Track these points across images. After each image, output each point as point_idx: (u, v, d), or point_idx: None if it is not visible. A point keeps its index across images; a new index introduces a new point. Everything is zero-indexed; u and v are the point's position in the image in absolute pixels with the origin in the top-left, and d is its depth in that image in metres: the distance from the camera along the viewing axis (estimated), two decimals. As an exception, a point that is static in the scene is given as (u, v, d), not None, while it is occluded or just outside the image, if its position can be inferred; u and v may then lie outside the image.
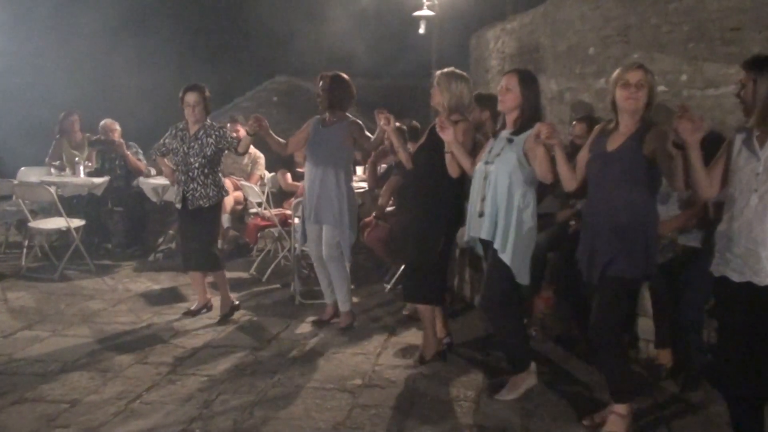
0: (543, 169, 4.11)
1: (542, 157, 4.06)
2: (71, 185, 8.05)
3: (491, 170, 4.31)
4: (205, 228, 5.92)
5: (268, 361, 5.07)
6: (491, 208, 4.30)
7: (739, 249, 3.38)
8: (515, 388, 4.46)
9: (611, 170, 3.82)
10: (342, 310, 5.79)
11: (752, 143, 3.37)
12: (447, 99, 4.76)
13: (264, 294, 6.79)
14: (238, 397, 4.43)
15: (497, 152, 4.33)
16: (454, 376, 4.81)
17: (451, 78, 4.79)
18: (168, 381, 4.68)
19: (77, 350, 5.21)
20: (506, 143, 4.30)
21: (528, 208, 4.29)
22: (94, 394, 4.44)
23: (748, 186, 3.35)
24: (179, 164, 5.88)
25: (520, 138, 4.25)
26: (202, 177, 5.81)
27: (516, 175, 4.24)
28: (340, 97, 5.61)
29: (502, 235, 4.26)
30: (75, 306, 6.33)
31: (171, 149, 5.96)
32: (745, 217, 3.36)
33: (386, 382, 4.72)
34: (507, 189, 4.25)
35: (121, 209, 8.60)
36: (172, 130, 6.00)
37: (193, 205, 5.83)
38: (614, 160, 3.80)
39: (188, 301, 6.53)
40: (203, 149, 5.78)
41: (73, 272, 7.46)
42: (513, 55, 7.86)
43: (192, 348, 5.31)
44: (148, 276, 7.47)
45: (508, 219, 4.25)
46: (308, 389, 4.58)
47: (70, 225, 7.37)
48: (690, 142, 3.34)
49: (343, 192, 5.59)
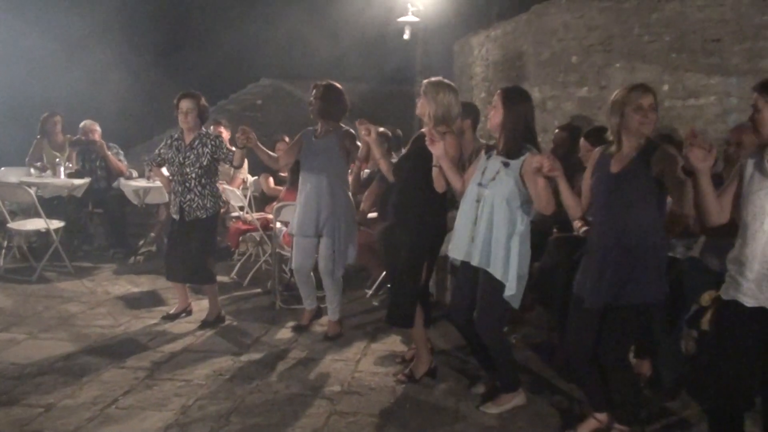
0: (543, 201, 4.00)
1: (543, 189, 3.95)
2: (51, 186, 7.99)
3: (486, 194, 4.16)
4: (201, 240, 5.81)
5: (246, 366, 5.04)
6: (485, 234, 4.15)
7: (752, 274, 3.30)
8: (502, 404, 4.41)
9: (619, 193, 3.74)
10: (331, 319, 5.73)
11: (764, 166, 3.30)
12: (434, 109, 4.56)
13: (244, 299, 6.77)
14: (215, 403, 4.40)
15: (491, 175, 4.17)
16: (434, 383, 4.80)
17: (439, 87, 4.61)
18: (145, 386, 4.64)
19: (53, 353, 5.16)
20: (501, 167, 4.14)
21: (526, 233, 4.18)
22: (69, 399, 4.39)
23: (762, 210, 3.27)
24: (175, 174, 5.78)
25: (516, 163, 4.11)
26: (199, 187, 5.72)
27: (514, 200, 4.10)
28: (333, 107, 5.52)
29: (503, 264, 4.10)
30: (53, 308, 6.27)
31: (166, 159, 5.85)
32: (758, 242, 3.28)
33: (365, 389, 4.71)
34: (506, 215, 4.11)
35: (102, 211, 8.55)
36: (167, 140, 5.91)
37: (191, 217, 5.74)
38: (621, 182, 3.73)
39: (168, 304, 6.49)
40: (199, 159, 5.69)
41: (51, 274, 7.40)
42: (497, 63, 7.88)
43: (170, 352, 5.27)
44: (128, 279, 7.42)
45: (509, 245, 4.11)
46: (286, 395, 4.56)
47: (50, 226, 7.32)
48: (700, 169, 3.23)
49: (341, 204, 5.51)
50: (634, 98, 3.67)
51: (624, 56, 5.79)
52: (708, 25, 5.35)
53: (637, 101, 3.65)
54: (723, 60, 5.27)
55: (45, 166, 8.28)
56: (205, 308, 6.06)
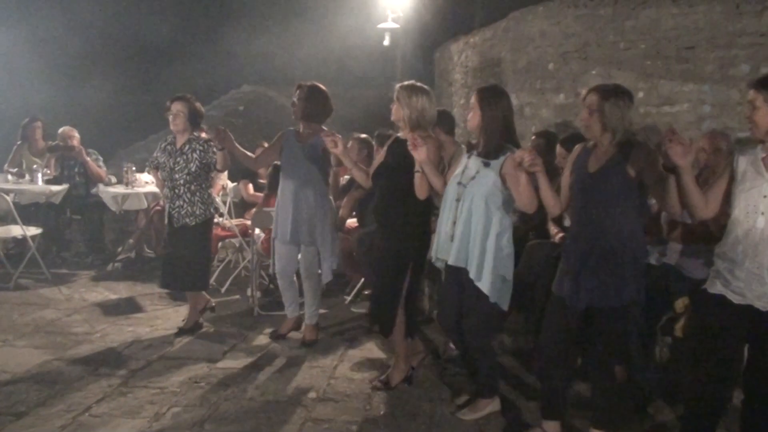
0: (525, 198, 3.98)
1: (525, 185, 3.92)
2: (29, 193, 7.92)
3: (465, 193, 4.15)
4: (191, 247, 5.71)
5: (222, 373, 5.03)
6: (463, 232, 4.14)
7: (742, 272, 3.32)
8: (478, 410, 4.40)
9: (595, 192, 3.73)
10: (308, 323, 5.68)
11: (758, 164, 3.32)
12: (408, 114, 4.50)
13: (223, 305, 6.73)
14: (189, 411, 4.38)
15: (472, 174, 4.16)
16: (410, 389, 4.80)
17: (411, 91, 4.53)
18: (119, 393, 4.61)
19: (27, 361, 5.12)
20: (482, 166, 4.13)
21: (506, 233, 4.14)
22: (41, 407, 4.36)
23: (755, 208, 3.28)
24: (166, 179, 5.71)
25: (496, 162, 4.09)
26: (189, 194, 5.63)
27: (493, 199, 4.09)
28: (317, 109, 5.42)
29: (477, 262, 4.10)
30: (28, 315, 6.23)
31: (160, 163, 5.78)
32: (750, 240, 3.29)
33: (341, 395, 4.70)
34: (483, 213, 4.09)
35: (80, 217, 8.50)
36: (161, 143, 5.84)
37: (179, 223, 5.67)
38: (598, 181, 3.71)
39: (146, 311, 6.47)
40: (188, 164, 5.59)
41: (28, 281, 7.34)
42: (475, 69, 7.91)
43: (146, 360, 5.24)
44: (106, 285, 7.38)
45: (484, 245, 4.09)
46: (261, 402, 4.55)
47: (26, 233, 7.27)
48: (682, 165, 3.25)
49: (324, 210, 5.45)
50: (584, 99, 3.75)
51: (600, 63, 5.84)
52: (682, 32, 5.40)
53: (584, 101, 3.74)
54: (697, 67, 5.33)
55: (22, 172, 8.22)
56: (179, 318, 6.04)
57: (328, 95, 5.49)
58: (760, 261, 3.27)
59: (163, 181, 5.80)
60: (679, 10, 5.46)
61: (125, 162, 8.89)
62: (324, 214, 5.45)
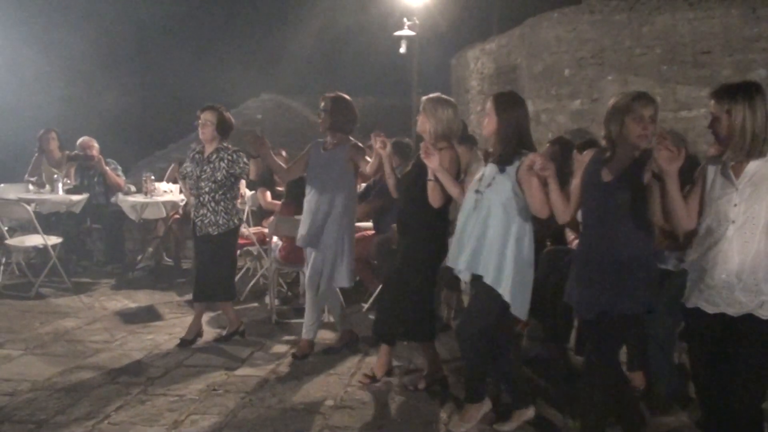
0: (537, 203, 3.95)
1: (536, 189, 3.91)
2: (49, 202, 8.01)
3: (482, 200, 4.10)
4: (215, 256, 5.72)
5: (240, 381, 5.05)
6: (476, 238, 4.10)
7: (713, 280, 3.32)
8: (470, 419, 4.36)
9: (610, 202, 3.66)
10: (304, 337, 5.55)
11: (727, 174, 3.30)
12: (433, 125, 4.57)
13: (241, 313, 6.72)
14: (207, 418, 4.41)
15: (488, 181, 4.11)
16: (427, 397, 4.81)
17: (437, 104, 4.61)
18: (138, 401, 4.65)
19: (48, 369, 5.18)
20: (497, 172, 4.08)
21: (525, 239, 4.09)
22: (61, 415, 4.40)
23: (725, 217, 3.28)
24: (192, 188, 5.74)
25: (512, 168, 4.04)
26: (213, 203, 5.63)
27: (511, 205, 4.04)
28: (342, 119, 5.36)
29: (495, 269, 4.04)
30: (49, 324, 6.29)
31: (188, 172, 5.80)
32: (720, 248, 3.29)
33: (358, 403, 4.71)
34: (501, 220, 4.04)
35: (100, 226, 8.58)
36: (190, 152, 5.88)
37: (201, 232, 5.68)
38: (613, 191, 3.66)
39: (165, 319, 6.53)
40: (214, 173, 5.58)
41: (49, 290, 7.43)
42: (491, 76, 7.92)
43: (165, 367, 5.28)
44: (125, 294, 7.44)
45: (503, 251, 4.03)
46: (279, 410, 4.57)
47: (47, 242, 7.35)
48: (668, 171, 3.22)
49: (343, 220, 5.35)
50: (636, 107, 3.56)
51: (616, 69, 5.82)
52: (698, 38, 5.38)
53: (639, 111, 3.55)
54: (713, 72, 5.31)
55: (42, 182, 8.31)
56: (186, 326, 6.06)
57: (353, 105, 5.44)
58: (730, 269, 3.27)
59: (190, 189, 5.82)
60: (695, 15, 5.43)
61: (145, 171, 8.97)
62: (343, 223, 5.36)
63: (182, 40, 18.21)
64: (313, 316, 5.54)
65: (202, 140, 5.72)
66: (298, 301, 7.13)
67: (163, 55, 17.66)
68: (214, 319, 6.45)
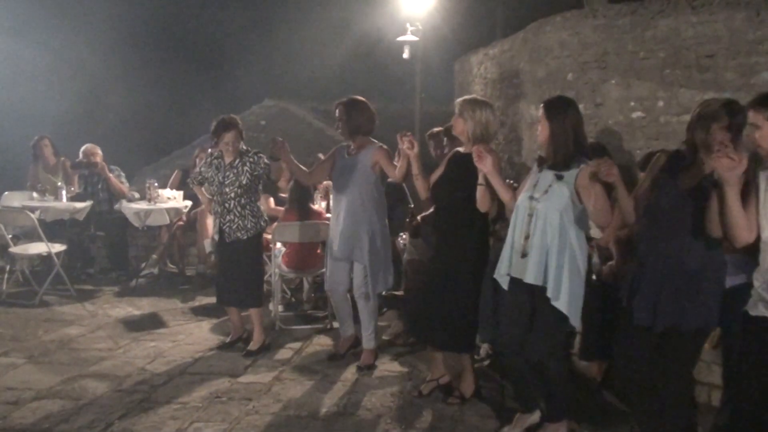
0: (600, 210, 3.79)
1: (599, 196, 3.74)
2: (53, 210, 8.00)
3: (539, 207, 3.96)
4: (244, 261, 5.73)
5: (244, 388, 5.04)
6: (539, 249, 3.94)
7: None
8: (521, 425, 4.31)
9: (687, 211, 3.58)
10: (366, 347, 5.50)
11: None
12: (471, 128, 4.51)
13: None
14: (211, 426, 4.40)
15: (544, 188, 3.98)
16: (429, 404, 4.79)
17: (475, 105, 4.56)
18: (141, 409, 4.64)
19: (52, 377, 5.17)
20: (554, 179, 3.96)
21: (582, 249, 3.97)
22: (64, 423, 4.40)
23: None
24: (215, 194, 5.72)
25: (570, 174, 3.91)
26: (239, 208, 5.64)
27: (568, 213, 3.90)
28: (360, 122, 5.30)
29: (554, 280, 3.89)
30: (53, 332, 6.29)
31: (206, 178, 5.79)
32: None
33: (362, 410, 4.70)
34: (559, 229, 3.90)
35: (104, 234, 8.58)
36: (207, 159, 5.88)
37: (231, 238, 5.68)
38: (690, 200, 3.56)
39: (168, 326, 6.52)
40: (238, 178, 5.59)
41: (53, 298, 7.42)
42: (495, 81, 7.89)
43: (168, 375, 5.27)
44: (129, 301, 7.44)
45: (561, 261, 3.90)
46: (282, 417, 4.56)
47: (51, 250, 7.35)
48: (729, 179, 3.12)
49: (374, 226, 5.29)
50: (724, 117, 3.48)
51: (619, 73, 5.79)
52: (702, 41, 5.34)
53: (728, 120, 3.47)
54: (717, 76, 5.26)
55: (44, 189, 8.30)
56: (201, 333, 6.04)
57: (367, 104, 5.38)
58: None
59: (212, 196, 5.80)
60: (699, 18, 5.40)
61: (148, 178, 8.97)
62: (373, 230, 5.30)
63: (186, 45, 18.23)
64: (372, 325, 5.47)
65: (224, 153, 5.69)
66: (302, 307, 7.12)
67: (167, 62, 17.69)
68: (218, 326, 6.45)
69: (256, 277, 5.90)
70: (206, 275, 7.96)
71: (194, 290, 7.80)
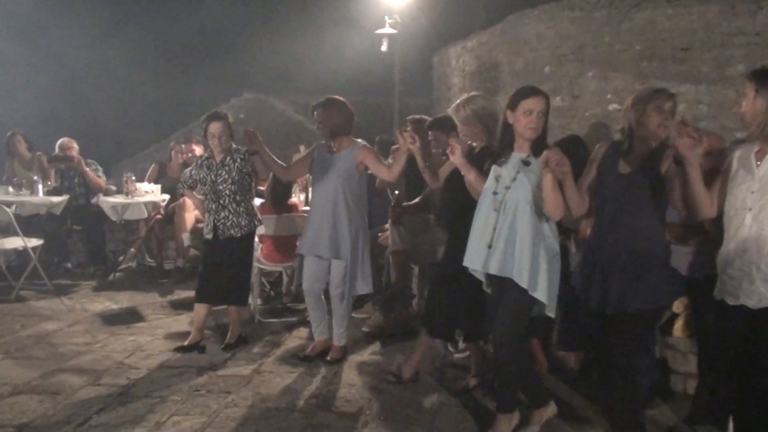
0: (551, 202, 3.69)
1: (549, 188, 3.65)
2: (30, 204, 7.94)
3: (507, 200, 3.86)
4: (237, 259, 5.70)
5: (223, 381, 5.03)
6: (506, 240, 3.86)
7: (733, 271, 3.30)
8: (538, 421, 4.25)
9: (628, 195, 3.65)
10: (337, 344, 5.47)
11: (749, 160, 3.31)
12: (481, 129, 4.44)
13: (224, 313, 6.69)
14: (190, 419, 4.39)
15: (510, 180, 3.87)
16: (409, 395, 4.81)
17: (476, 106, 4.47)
18: (119, 403, 4.62)
19: (29, 372, 5.13)
20: (521, 166, 3.85)
21: (554, 235, 3.92)
22: (42, 418, 4.37)
23: (743, 205, 3.27)
24: (208, 193, 5.67)
25: (536, 161, 3.79)
26: (234, 205, 5.61)
27: (537, 202, 3.79)
28: (339, 122, 5.23)
29: (529, 272, 3.79)
30: (30, 327, 6.24)
31: (198, 179, 5.74)
32: (739, 238, 3.28)
33: (341, 402, 4.70)
34: (530, 220, 3.81)
35: (81, 228, 8.52)
36: (197, 161, 5.84)
37: (224, 235, 5.62)
38: (631, 183, 3.64)
39: (147, 320, 6.48)
40: (231, 174, 5.56)
41: (30, 292, 7.36)
42: (473, 73, 7.93)
43: (147, 369, 5.25)
44: (107, 295, 7.39)
45: (536, 253, 3.81)
46: (262, 409, 4.55)
47: (27, 245, 7.28)
48: (689, 158, 3.22)
49: (355, 225, 5.24)
50: (657, 98, 3.60)
51: (596, 65, 5.85)
52: (677, 33, 5.41)
53: (660, 101, 3.59)
54: (693, 68, 5.34)
55: (20, 183, 8.23)
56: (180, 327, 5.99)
57: (343, 103, 5.31)
58: (749, 258, 3.25)
59: (205, 196, 5.76)
60: (674, 11, 5.46)
61: (126, 172, 8.91)
62: (354, 229, 5.24)
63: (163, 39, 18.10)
64: (344, 323, 5.44)
65: (213, 150, 5.65)
66: (281, 300, 7.12)
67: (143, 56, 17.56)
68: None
69: (245, 276, 5.88)
70: (185, 269, 7.93)
71: (172, 284, 7.76)
